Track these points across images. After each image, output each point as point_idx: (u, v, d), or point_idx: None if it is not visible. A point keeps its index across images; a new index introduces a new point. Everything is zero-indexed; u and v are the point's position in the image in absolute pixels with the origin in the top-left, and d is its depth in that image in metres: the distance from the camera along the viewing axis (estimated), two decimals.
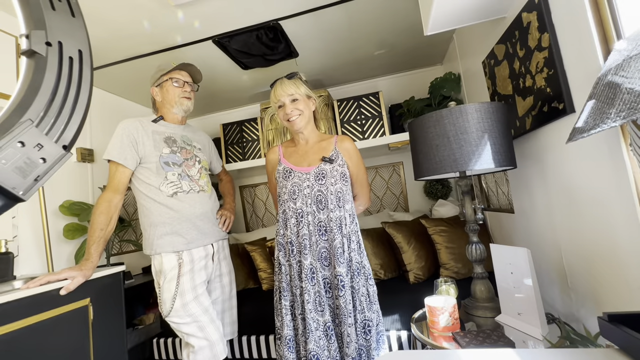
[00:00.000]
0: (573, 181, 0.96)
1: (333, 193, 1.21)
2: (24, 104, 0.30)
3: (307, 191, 1.22)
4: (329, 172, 1.23)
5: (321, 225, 1.20)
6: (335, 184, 1.22)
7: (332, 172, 1.23)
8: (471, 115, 1.05)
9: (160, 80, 1.39)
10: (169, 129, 1.41)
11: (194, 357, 1.23)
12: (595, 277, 0.93)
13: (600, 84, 0.69)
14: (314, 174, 1.23)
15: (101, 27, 1.46)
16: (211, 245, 1.38)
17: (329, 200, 1.20)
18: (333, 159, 1.24)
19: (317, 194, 1.21)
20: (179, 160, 1.36)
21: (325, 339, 1.15)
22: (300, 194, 1.23)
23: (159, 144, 1.33)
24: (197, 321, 1.25)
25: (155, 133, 1.35)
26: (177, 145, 1.38)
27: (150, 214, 1.30)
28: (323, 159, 1.24)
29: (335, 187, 1.22)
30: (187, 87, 1.42)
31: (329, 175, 1.22)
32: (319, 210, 1.20)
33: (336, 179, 1.23)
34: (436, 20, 1.20)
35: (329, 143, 1.29)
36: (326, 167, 1.23)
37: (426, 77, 2.31)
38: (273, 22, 1.59)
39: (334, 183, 1.22)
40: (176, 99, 1.39)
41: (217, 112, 2.80)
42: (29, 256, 1.52)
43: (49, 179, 0.35)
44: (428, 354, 0.65)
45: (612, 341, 0.54)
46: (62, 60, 0.33)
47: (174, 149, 1.37)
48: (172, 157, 1.34)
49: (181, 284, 1.25)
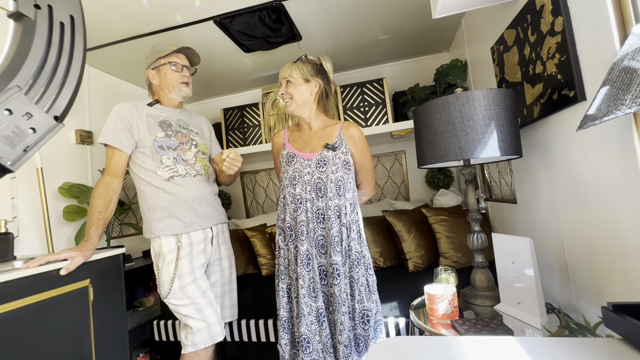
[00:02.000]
0: (580, 171, 0.95)
1: (333, 181, 1.20)
2: (11, 69, 0.28)
3: (307, 178, 1.21)
4: (331, 159, 1.21)
5: (319, 213, 1.20)
6: (336, 172, 1.21)
7: (334, 160, 1.21)
8: (478, 102, 1.02)
9: (157, 63, 1.35)
10: (165, 113, 1.38)
11: (192, 338, 1.25)
12: (597, 268, 0.92)
13: (615, 69, 0.66)
14: (315, 161, 1.22)
15: (99, 5, 1.41)
16: (210, 229, 1.38)
17: (329, 188, 1.19)
18: (336, 147, 1.22)
19: (316, 181, 1.20)
20: (174, 144, 1.34)
21: (317, 324, 1.16)
22: (301, 180, 1.22)
23: (153, 127, 1.31)
24: (195, 303, 1.26)
25: (150, 117, 1.33)
26: (172, 129, 1.36)
27: (148, 198, 1.30)
28: (326, 146, 1.22)
29: (336, 175, 1.20)
30: (186, 71, 1.39)
31: (330, 162, 1.21)
32: (317, 197, 1.20)
33: (337, 167, 1.21)
34: (445, 3, 1.16)
35: (334, 129, 1.27)
36: (328, 154, 1.22)
37: (432, 64, 2.26)
38: (276, 3, 1.54)
39: (334, 171, 1.20)
40: (174, 84, 1.36)
41: (218, 97, 2.75)
42: (29, 237, 1.52)
43: (39, 150, 0.33)
44: (426, 340, 0.65)
45: (615, 331, 0.53)
46: (52, 25, 0.31)
47: (169, 132, 1.34)
48: (166, 140, 1.32)
49: (180, 266, 1.26)
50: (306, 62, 1.28)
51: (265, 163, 2.73)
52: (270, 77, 2.43)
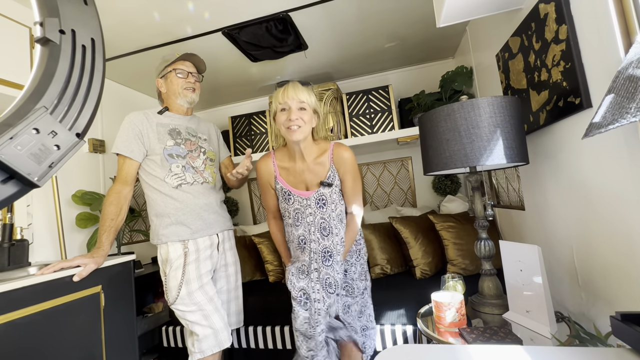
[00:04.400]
0: (588, 178, 0.94)
1: (335, 218, 1.20)
2: (38, 91, 0.30)
3: (310, 219, 1.18)
4: (329, 196, 1.19)
5: (326, 251, 1.17)
6: (337, 209, 1.20)
7: (332, 196, 1.19)
8: (483, 110, 1.03)
9: (165, 71, 1.39)
10: (174, 121, 1.41)
11: (199, 345, 1.26)
12: (608, 276, 0.91)
13: (620, 77, 0.66)
14: (314, 200, 1.19)
15: (112, 18, 1.47)
16: (216, 235, 1.40)
17: (333, 225, 1.19)
18: (331, 182, 1.19)
19: (320, 221, 1.18)
20: (183, 152, 1.36)
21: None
22: (303, 221, 1.19)
23: (163, 136, 1.34)
24: (202, 309, 1.27)
25: (160, 125, 1.35)
26: (181, 137, 1.38)
27: (156, 205, 1.32)
28: (322, 184, 1.19)
29: (337, 212, 1.20)
30: (191, 77, 1.41)
31: (329, 200, 1.19)
32: (323, 237, 1.18)
33: (336, 203, 1.20)
34: (449, 12, 1.17)
35: (325, 157, 1.20)
36: (325, 190, 1.18)
37: (437, 71, 2.27)
38: (283, 14, 1.57)
39: (334, 208, 1.19)
40: (180, 90, 1.39)
41: (226, 105, 2.80)
42: (43, 243, 1.56)
43: (62, 166, 0.35)
44: (434, 348, 0.65)
45: (624, 341, 0.53)
46: (75, 48, 0.33)
47: (178, 140, 1.37)
48: (175, 149, 1.34)
49: (187, 272, 1.27)
50: (312, 91, 1.20)
51: None
52: (277, 85, 2.47)
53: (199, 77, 1.46)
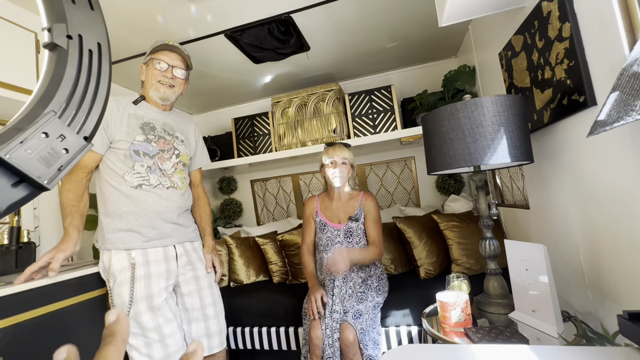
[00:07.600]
0: (593, 176, 0.94)
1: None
2: (47, 95, 0.30)
3: (337, 246, 1.47)
4: (355, 230, 1.49)
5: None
6: (360, 242, 1.49)
7: (357, 231, 1.49)
8: (487, 109, 1.02)
9: (147, 58, 1.27)
10: (150, 114, 1.26)
11: None
12: (615, 274, 0.90)
13: (625, 74, 0.66)
14: (343, 231, 1.49)
15: (116, 22, 1.48)
16: (173, 247, 1.24)
17: None
18: (358, 218, 1.49)
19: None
20: (153, 150, 1.22)
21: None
22: (332, 248, 1.48)
23: (133, 129, 1.20)
24: (145, 336, 1.10)
25: (132, 117, 1.21)
26: (154, 133, 1.24)
27: (108, 202, 1.17)
28: (350, 218, 1.49)
29: (360, 244, 1.49)
30: (170, 72, 1.25)
31: (354, 233, 1.49)
32: None
33: (360, 237, 1.50)
34: (451, 11, 1.17)
35: (356, 201, 1.54)
36: (352, 224, 1.49)
37: (440, 70, 2.27)
38: (285, 16, 1.58)
39: (358, 241, 1.49)
40: (153, 81, 1.24)
41: (228, 107, 2.82)
42: (50, 246, 1.57)
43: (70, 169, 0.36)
44: (439, 348, 0.65)
45: (632, 340, 0.52)
46: (82, 53, 0.33)
47: (150, 137, 1.22)
48: (144, 146, 1.20)
49: (135, 290, 1.12)
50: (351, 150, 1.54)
51: (275, 171, 2.76)
52: (278, 86, 2.48)
53: (185, 74, 1.30)
